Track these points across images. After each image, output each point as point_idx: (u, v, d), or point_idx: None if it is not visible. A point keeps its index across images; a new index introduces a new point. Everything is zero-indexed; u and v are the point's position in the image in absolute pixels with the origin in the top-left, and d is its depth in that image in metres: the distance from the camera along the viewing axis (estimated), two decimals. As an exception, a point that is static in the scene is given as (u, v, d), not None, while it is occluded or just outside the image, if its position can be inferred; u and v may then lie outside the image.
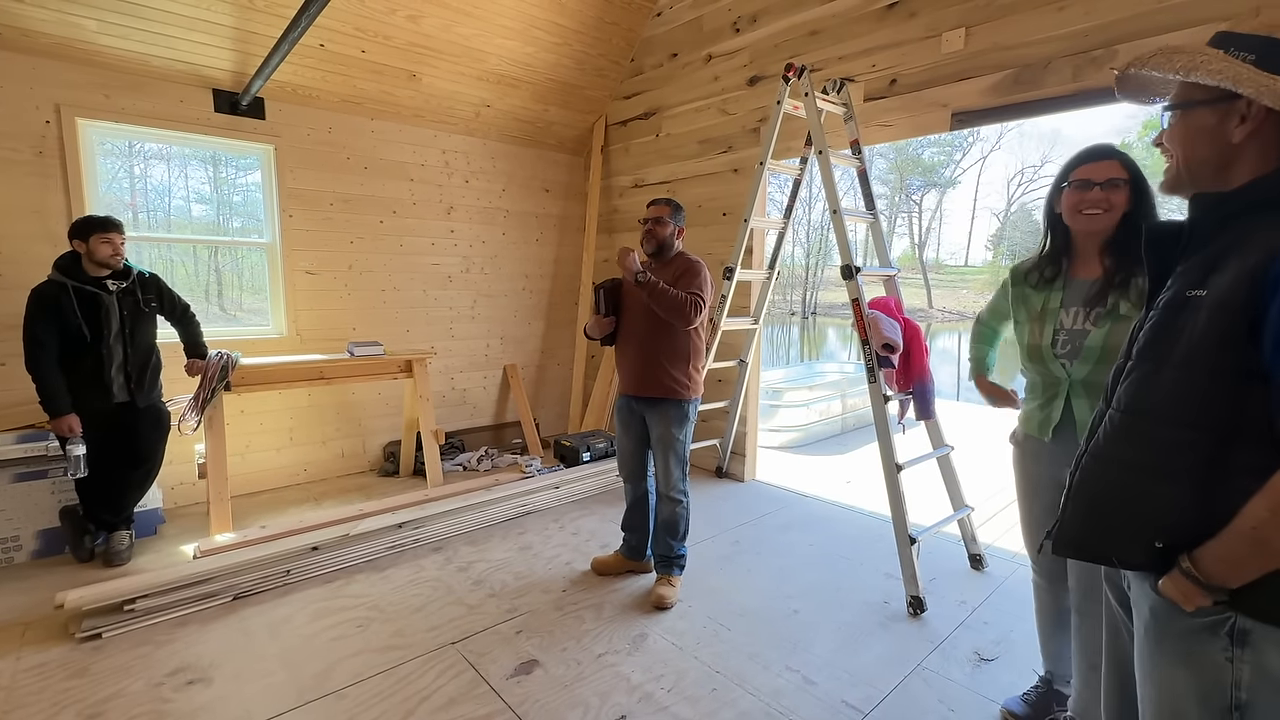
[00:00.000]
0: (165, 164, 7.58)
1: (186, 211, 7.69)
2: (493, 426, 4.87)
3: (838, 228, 2.83)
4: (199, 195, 7.84)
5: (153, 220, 5.96)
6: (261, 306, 3.97)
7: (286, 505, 3.60)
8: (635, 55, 4.59)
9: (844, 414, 5.92)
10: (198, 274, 9.98)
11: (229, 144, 3.63)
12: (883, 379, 2.68)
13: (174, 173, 7.87)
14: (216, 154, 4.65)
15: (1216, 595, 0.87)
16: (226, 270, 9.74)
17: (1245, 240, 0.89)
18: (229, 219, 5.91)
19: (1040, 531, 1.70)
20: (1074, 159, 1.57)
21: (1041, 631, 1.85)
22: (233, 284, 9.22)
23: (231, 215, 5.92)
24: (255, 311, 4.14)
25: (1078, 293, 1.59)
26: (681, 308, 2.34)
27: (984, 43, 2.82)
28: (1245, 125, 0.89)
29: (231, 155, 4.25)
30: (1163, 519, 0.93)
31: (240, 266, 8.36)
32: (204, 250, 8.42)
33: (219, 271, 10.21)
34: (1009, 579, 2.78)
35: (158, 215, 6.65)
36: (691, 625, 2.38)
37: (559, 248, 5.11)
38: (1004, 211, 36.56)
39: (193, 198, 7.79)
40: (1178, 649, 0.93)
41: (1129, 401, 0.99)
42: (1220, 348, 0.88)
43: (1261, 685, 0.86)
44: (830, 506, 3.71)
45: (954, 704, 1.96)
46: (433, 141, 4.34)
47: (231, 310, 8.43)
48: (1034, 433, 1.69)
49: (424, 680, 2.03)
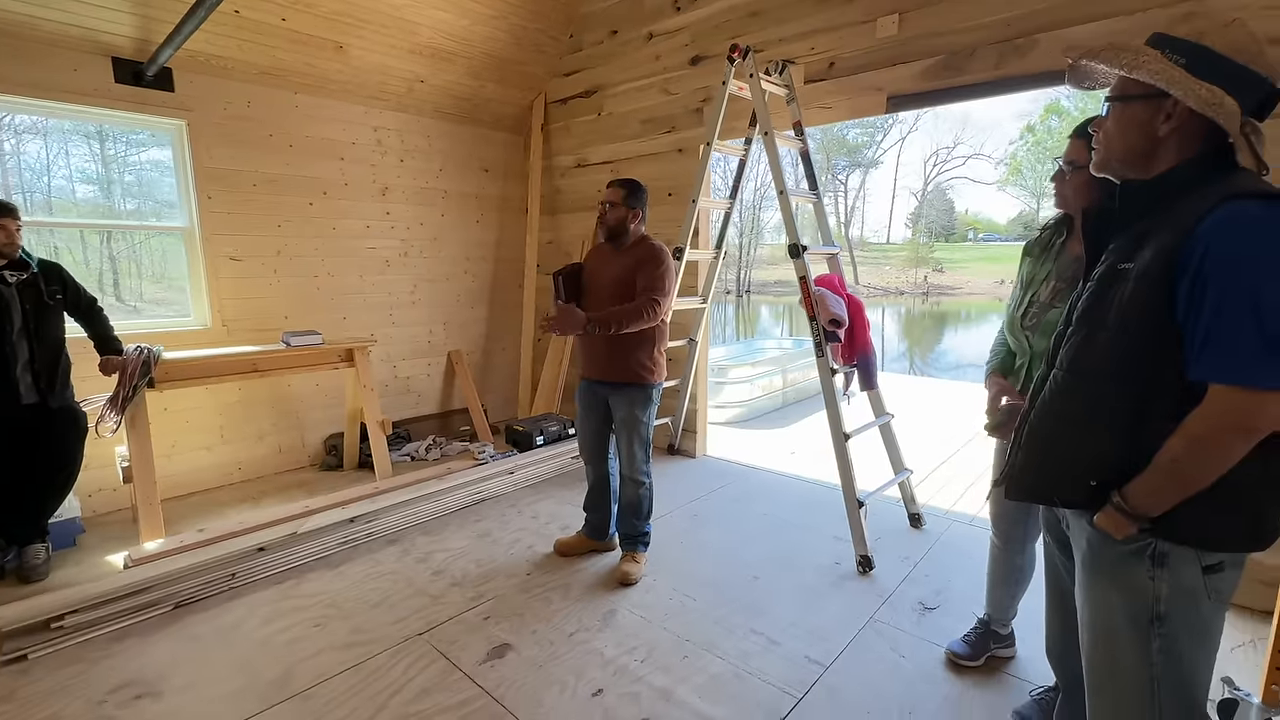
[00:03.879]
0: (42, 139, 6.77)
1: (70, 193, 6.89)
2: (439, 415, 4.75)
3: (784, 208, 2.92)
4: (83, 174, 7.05)
5: (31, 203, 5.31)
6: (166, 296, 3.65)
7: (221, 506, 3.40)
8: (574, 31, 4.51)
9: (784, 389, 6.14)
10: (88, 262, 8.98)
11: (133, 118, 3.31)
12: (830, 353, 2.80)
13: (53, 149, 7.04)
14: (104, 129, 4.11)
15: (1141, 524, 1.00)
16: (123, 258, 8.86)
17: (1163, 220, 1.00)
18: (121, 200, 5.32)
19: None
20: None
21: (990, 582, 2.00)
22: (129, 272, 8.39)
23: (124, 196, 5.33)
24: (159, 302, 3.78)
25: (1064, 268, 1.63)
26: (640, 317, 2.34)
27: (916, 29, 2.95)
28: (1170, 121, 1.00)
29: (121, 130, 3.75)
30: (1097, 462, 1.05)
31: (138, 253, 7.61)
32: (93, 236, 7.60)
33: (114, 259, 9.26)
34: (945, 534, 3.01)
35: (35, 197, 5.92)
36: (658, 598, 2.45)
37: (501, 229, 5.00)
38: (921, 191, 38.52)
39: (76, 177, 7.02)
40: (1109, 573, 1.06)
41: (1069, 362, 1.11)
42: (1144, 313, 0.99)
43: (1176, 597, 1.00)
44: (778, 477, 3.87)
45: (904, 650, 2.12)
46: (363, 118, 4.12)
47: (130, 301, 7.67)
48: None
49: (393, 673, 2.00)
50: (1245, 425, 0.91)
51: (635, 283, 2.41)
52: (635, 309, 2.34)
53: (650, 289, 2.37)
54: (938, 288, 30.56)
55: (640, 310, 2.34)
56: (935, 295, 29.57)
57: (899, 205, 45.57)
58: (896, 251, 36.36)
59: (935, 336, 20.30)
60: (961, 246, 37.23)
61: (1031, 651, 2.02)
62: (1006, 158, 35.43)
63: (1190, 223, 0.95)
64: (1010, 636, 2.04)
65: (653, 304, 2.36)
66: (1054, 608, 1.28)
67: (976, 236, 40.57)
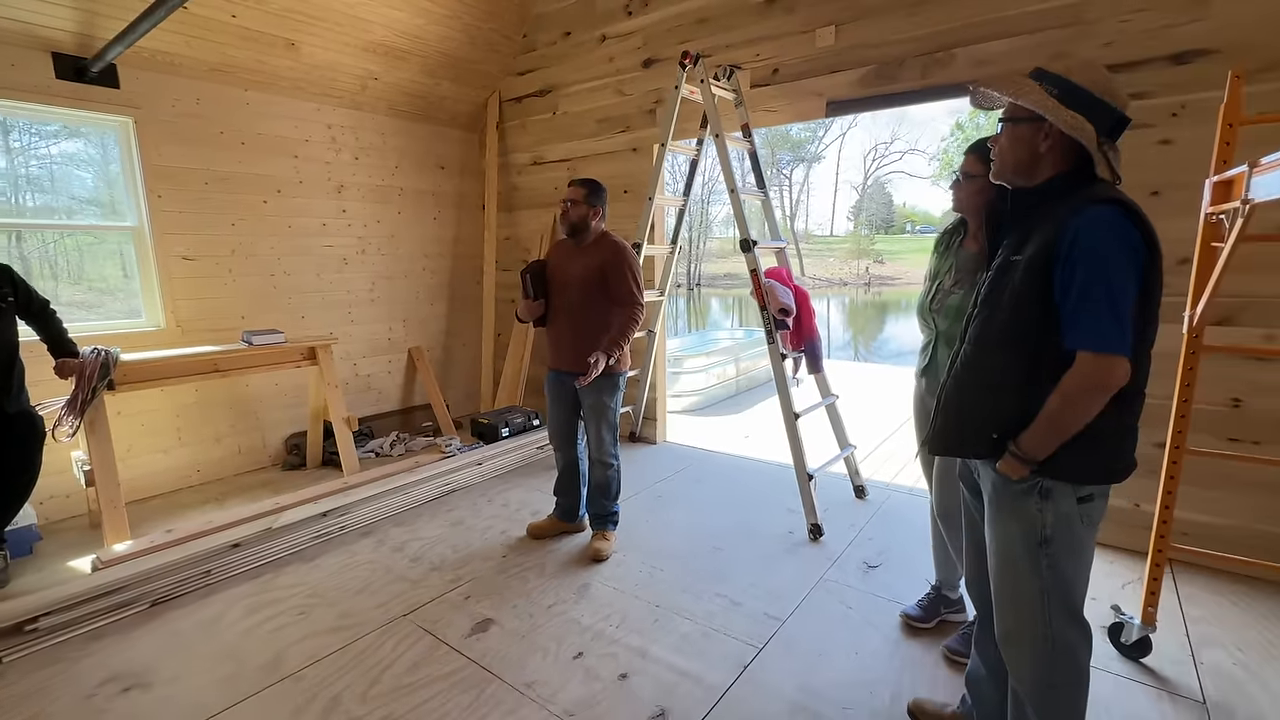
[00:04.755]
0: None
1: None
2: (401, 411, 4.78)
3: (735, 205, 3.13)
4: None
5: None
6: (85, 299, 3.56)
7: (184, 509, 3.37)
8: (528, 31, 4.59)
9: (738, 377, 6.41)
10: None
11: (76, 115, 3.23)
12: (780, 340, 3.04)
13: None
14: (5, 119, 3.73)
15: (1031, 466, 1.24)
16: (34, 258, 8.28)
17: (1044, 219, 1.24)
18: (28, 196, 4.83)
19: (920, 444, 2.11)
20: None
21: (935, 553, 2.23)
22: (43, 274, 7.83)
23: (32, 191, 4.83)
24: (80, 305, 3.60)
25: (963, 261, 1.89)
26: (632, 327, 2.58)
27: (851, 40, 3.21)
28: (1048, 140, 1.24)
29: (27, 121, 3.42)
30: (997, 419, 1.28)
31: (52, 253, 7.13)
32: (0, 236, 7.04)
33: (24, 259, 8.66)
34: (886, 503, 3.31)
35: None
36: (629, 571, 2.63)
37: (458, 226, 5.04)
38: (862, 185, 39.90)
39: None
40: (1010, 508, 1.30)
41: (975, 337, 1.34)
42: (1031, 295, 1.23)
43: (1058, 523, 1.25)
44: (734, 459, 4.11)
45: (851, 603, 2.37)
46: (316, 115, 4.11)
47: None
48: (916, 372, 2.07)
49: (382, 651, 2.11)
50: (1103, 383, 1.15)
51: (601, 279, 2.56)
52: (625, 324, 2.56)
53: (628, 300, 2.57)
54: (879, 278, 31.80)
55: (626, 325, 2.57)
56: (877, 286, 30.78)
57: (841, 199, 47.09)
58: (840, 244, 37.60)
59: (878, 325, 21.20)
60: (900, 239, 38.81)
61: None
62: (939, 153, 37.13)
63: (1063, 222, 1.18)
64: (960, 601, 2.24)
65: (636, 311, 2.58)
66: (971, 545, 1.52)
67: (914, 229, 42.35)
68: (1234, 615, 2.25)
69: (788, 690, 1.91)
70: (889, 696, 1.87)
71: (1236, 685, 1.89)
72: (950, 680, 1.92)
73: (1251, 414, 2.44)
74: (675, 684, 1.93)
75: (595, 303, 2.57)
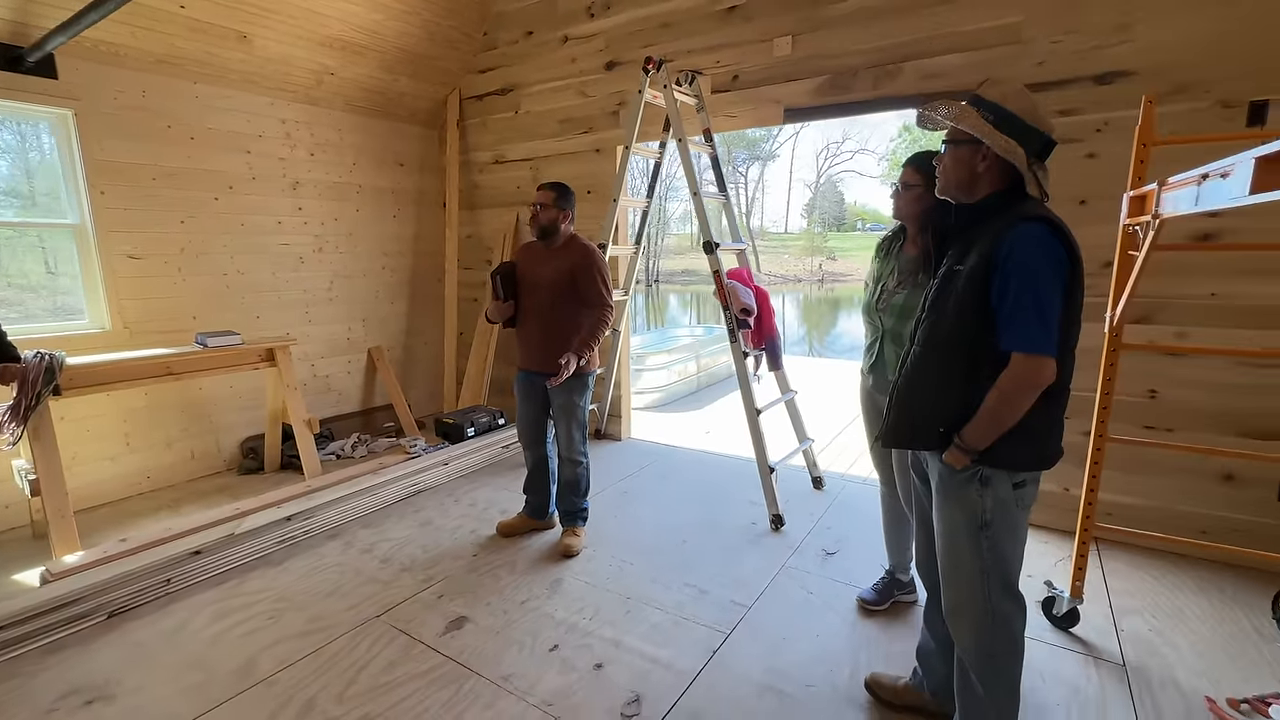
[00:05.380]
0: None
1: None
2: (361, 412, 4.71)
3: (698, 208, 3.23)
4: None
5: None
6: (4, 295, 3.34)
7: (135, 517, 3.26)
8: (489, 29, 4.58)
9: (698, 374, 6.55)
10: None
11: (8, 106, 3.06)
12: (742, 338, 3.15)
13: None
14: None
15: (973, 456, 1.36)
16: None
17: (983, 233, 1.37)
18: None
19: (872, 442, 2.26)
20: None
21: (886, 533, 2.37)
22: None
23: None
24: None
25: (904, 264, 2.04)
26: (602, 328, 2.64)
27: (807, 50, 3.34)
28: (985, 161, 1.37)
29: None
30: (944, 414, 1.41)
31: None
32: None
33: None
34: (841, 493, 3.47)
35: None
36: (599, 566, 2.70)
37: (418, 224, 4.99)
38: (815, 183, 40.85)
39: None
40: (953, 495, 1.43)
41: (923, 340, 1.47)
42: (972, 302, 1.36)
43: (996, 507, 1.39)
44: (697, 454, 4.22)
45: (812, 588, 2.50)
46: (269, 110, 4.00)
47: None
48: (863, 369, 2.21)
49: (357, 652, 2.12)
50: (1034, 381, 1.29)
51: (571, 281, 2.62)
52: (595, 326, 2.62)
53: (598, 302, 2.63)
54: (832, 275, 32.64)
55: (596, 326, 2.63)
56: (830, 282, 31.59)
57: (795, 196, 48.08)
58: (794, 241, 38.41)
59: (831, 321, 21.80)
60: (852, 236, 39.90)
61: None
62: (889, 154, 38.33)
63: (999, 236, 1.31)
64: (911, 583, 2.40)
65: (605, 312, 2.64)
66: (920, 529, 1.66)
67: (864, 226, 43.64)
68: (1150, 587, 2.48)
69: (755, 672, 2.02)
70: (848, 673, 2.00)
71: (1152, 649, 2.10)
72: (903, 655, 2.07)
73: (1166, 404, 2.69)
74: (649, 671, 2.02)
75: (565, 304, 2.62)
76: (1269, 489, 2.55)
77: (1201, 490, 2.66)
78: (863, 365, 2.23)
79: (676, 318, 22.59)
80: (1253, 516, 2.58)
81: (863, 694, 1.89)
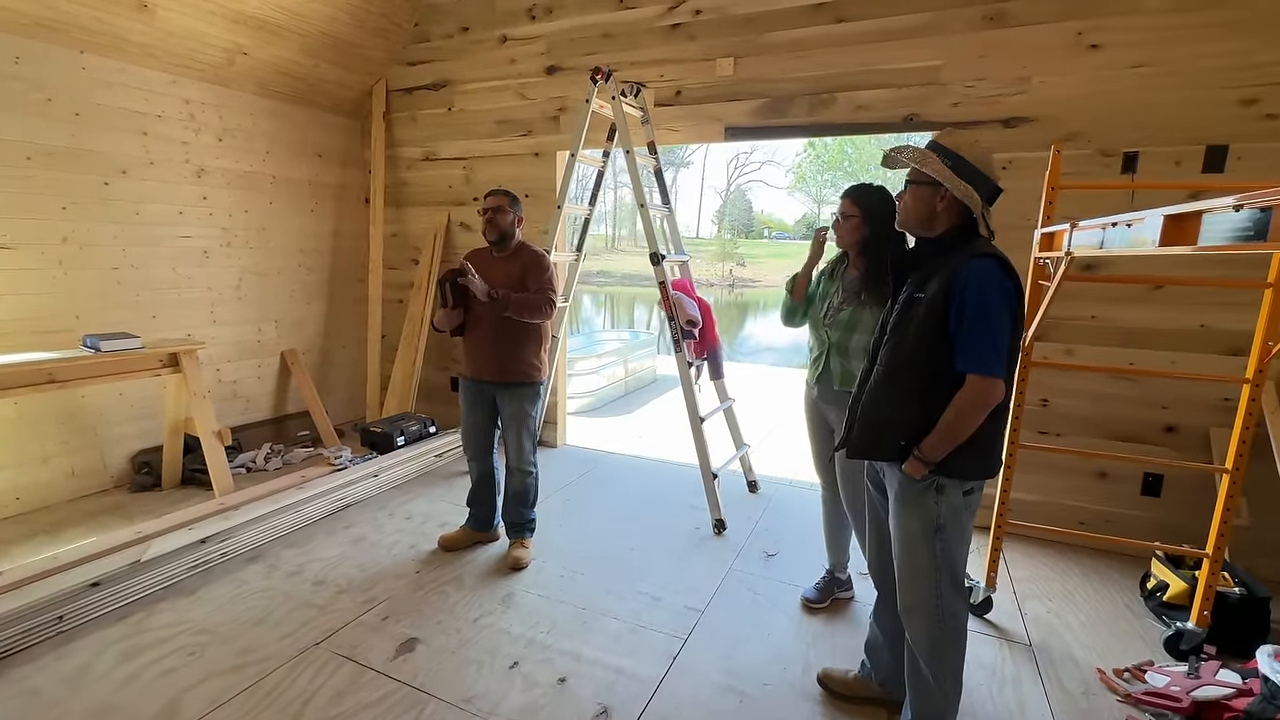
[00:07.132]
0: None
1: None
2: (273, 420, 4.36)
3: (645, 220, 3.28)
4: None
5: None
6: None
7: (3, 545, 2.85)
8: (420, 20, 4.39)
9: (626, 378, 6.62)
10: None
11: None
12: (686, 349, 3.24)
13: None
14: None
15: (930, 467, 1.51)
16: None
17: (942, 265, 1.52)
18: None
19: (816, 450, 2.39)
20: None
21: (826, 535, 2.52)
22: None
23: None
24: None
25: (848, 284, 2.21)
26: (539, 309, 2.55)
27: (748, 73, 3.49)
28: (944, 202, 1.52)
29: None
30: (904, 428, 1.54)
31: None
32: None
33: None
34: (776, 496, 3.65)
35: None
36: (549, 577, 2.68)
37: (338, 220, 4.69)
38: (725, 191, 42.31)
39: None
40: (911, 503, 1.57)
41: (885, 361, 1.60)
42: (932, 327, 1.49)
43: (948, 513, 1.54)
44: (632, 460, 4.28)
45: (758, 589, 2.63)
46: (171, 89, 3.62)
47: None
48: (809, 380, 2.35)
49: (299, 684, 1.98)
50: (986, 400, 1.44)
51: (523, 287, 2.58)
52: (534, 302, 2.53)
53: (546, 288, 2.58)
54: (741, 280, 33.92)
55: (539, 304, 2.55)
56: (739, 287, 32.82)
57: (707, 203, 49.55)
58: (706, 246, 39.52)
59: (739, 324, 22.66)
60: (759, 243, 41.71)
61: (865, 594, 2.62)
62: (794, 166, 40.42)
63: (956, 270, 1.46)
64: (849, 582, 2.56)
65: (549, 300, 2.58)
66: (873, 533, 1.80)
67: (771, 235, 45.75)
68: (1044, 573, 2.82)
69: (714, 675, 2.09)
70: (800, 669, 2.12)
71: (1050, 629, 2.39)
72: (846, 649, 2.22)
73: (1056, 412, 3.06)
74: (613, 681, 2.04)
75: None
76: (1134, 484, 2.97)
77: (1082, 487, 3.05)
78: (808, 377, 2.36)
79: (590, 319, 22.59)
80: (1121, 509, 2.99)
81: (816, 688, 2.02)
